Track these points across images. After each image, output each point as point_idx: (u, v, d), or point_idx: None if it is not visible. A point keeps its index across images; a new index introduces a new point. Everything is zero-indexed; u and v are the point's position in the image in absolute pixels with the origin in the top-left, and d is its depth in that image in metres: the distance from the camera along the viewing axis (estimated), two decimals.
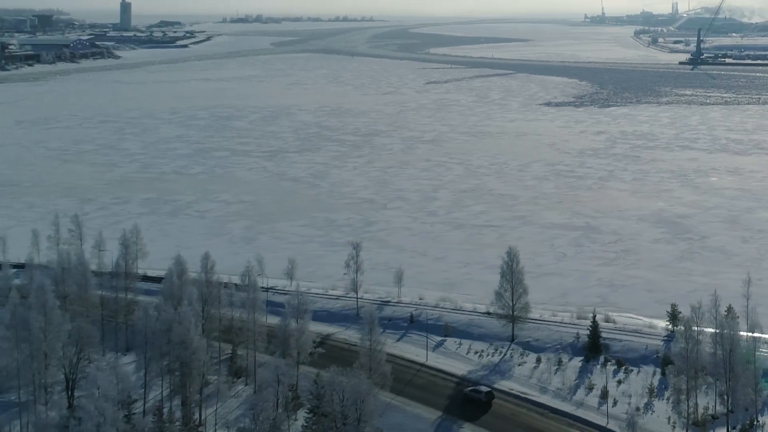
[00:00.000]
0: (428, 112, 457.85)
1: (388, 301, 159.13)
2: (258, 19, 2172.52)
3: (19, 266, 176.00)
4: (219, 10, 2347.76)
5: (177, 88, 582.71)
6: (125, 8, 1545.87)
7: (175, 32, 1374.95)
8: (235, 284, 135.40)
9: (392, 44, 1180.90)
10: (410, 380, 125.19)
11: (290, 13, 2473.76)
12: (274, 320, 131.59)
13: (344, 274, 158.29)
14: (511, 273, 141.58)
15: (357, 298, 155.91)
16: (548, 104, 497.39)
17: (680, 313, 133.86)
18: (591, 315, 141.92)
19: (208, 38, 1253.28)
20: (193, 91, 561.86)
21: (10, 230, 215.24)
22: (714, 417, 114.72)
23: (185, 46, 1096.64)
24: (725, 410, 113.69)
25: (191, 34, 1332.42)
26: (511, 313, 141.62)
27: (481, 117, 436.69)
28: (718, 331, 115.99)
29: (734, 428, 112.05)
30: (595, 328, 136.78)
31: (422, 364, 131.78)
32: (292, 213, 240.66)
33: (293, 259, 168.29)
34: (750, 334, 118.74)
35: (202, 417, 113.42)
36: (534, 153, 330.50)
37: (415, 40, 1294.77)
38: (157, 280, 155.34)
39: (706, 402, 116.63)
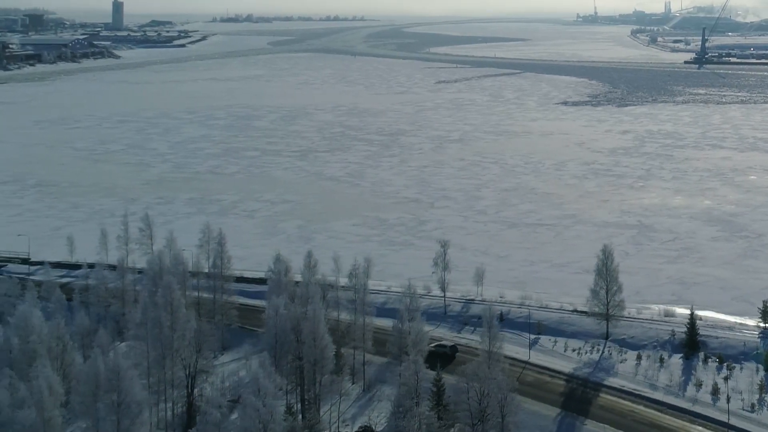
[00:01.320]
0: (447, 111, 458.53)
1: (473, 300, 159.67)
2: (248, 18, 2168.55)
3: (90, 266, 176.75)
4: (209, 10, 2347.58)
5: (186, 88, 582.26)
6: (117, 8, 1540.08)
7: (168, 32, 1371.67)
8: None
9: (390, 43, 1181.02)
10: (518, 378, 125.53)
11: (280, 12, 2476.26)
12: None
13: (432, 272, 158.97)
14: (606, 271, 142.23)
15: (445, 296, 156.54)
16: (565, 103, 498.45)
17: None
18: (687, 312, 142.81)
19: (204, 38, 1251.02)
20: (203, 91, 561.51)
21: (61, 230, 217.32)
22: None
23: (183, 45, 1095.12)
24: None
25: (186, 33, 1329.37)
26: (605, 310, 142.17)
27: (502, 116, 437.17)
28: None
29: None
30: (692, 324, 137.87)
31: (526, 362, 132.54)
32: (341, 212, 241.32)
33: (369, 258, 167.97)
34: None
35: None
36: (566, 152, 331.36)
37: (411, 40, 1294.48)
38: (249, 280, 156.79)
39: None
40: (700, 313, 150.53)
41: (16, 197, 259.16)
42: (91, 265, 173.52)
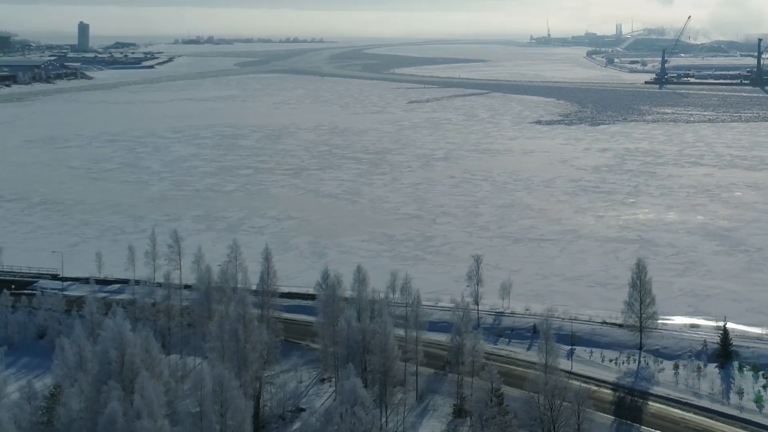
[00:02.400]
0: (426, 130, 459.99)
1: (502, 312, 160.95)
2: (210, 40, 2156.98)
3: (122, 281, 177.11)
4: (170, 32, 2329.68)
5: (166, 108, 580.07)
6: (83, 30, 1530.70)
7: (133, 53, 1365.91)
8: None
9: (355, 65, 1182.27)
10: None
11: (241, 34, 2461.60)
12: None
13: (466, 286, 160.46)
14: (641, 283, 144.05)
15: (478, 309, 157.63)
16: (539, 122, 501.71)
17: None
18: (722, 323, 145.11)
19: (171, 59, 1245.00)
20: (183, 111, 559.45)
21: (77, 247, 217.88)
22: None
23: (151, 66, 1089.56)
24: None
25: (152, 55, 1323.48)
26: (639, 322, 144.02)
27: (481, 135, 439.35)
28: None
29: None
30: (726, 335, 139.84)
31: (569, 372, 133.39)
32: (347, 228, 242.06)
33: (395, 272, 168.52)
34: None
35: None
36: (551, 170, 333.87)
37: (374, 61, 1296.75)
38: (294, 295, 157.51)
39: None
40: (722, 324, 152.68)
41: (25, 215, 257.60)
42: (123, 281, 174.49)
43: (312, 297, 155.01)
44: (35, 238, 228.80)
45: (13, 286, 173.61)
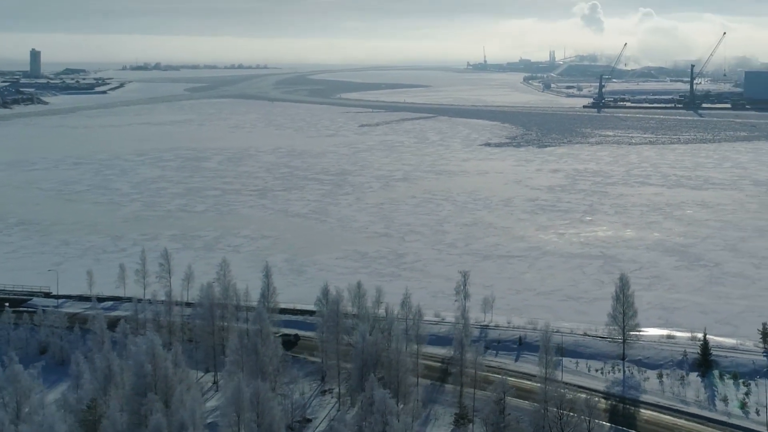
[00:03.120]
0: (381, 153, 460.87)
1: (487, 326, 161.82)
2: (157, 66, 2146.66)
3: (114, 298, 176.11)
4: (119, 59, 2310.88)
5: (125, 132, 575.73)
6: (35, 56, 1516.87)
7: (84, 79, 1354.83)
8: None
9: (301, 90, 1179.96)
10: None
11: (187, 61, 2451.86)
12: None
13: (455, 300, 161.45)
14: (624, 297, 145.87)
15: (465, 323, 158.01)
16: (488, 144, 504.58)
17: None
18: (695, 334, 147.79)
19: (122, 85, 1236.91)
20: (143, 135, 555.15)
21: (61, 266, 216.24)
22: None
23: (104, 92, 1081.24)
24: None
25: (103, 80, 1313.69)
26: (622, 333, 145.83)
27: (435, 157, 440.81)
28: None
29: None
30: (706, 345, 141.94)
31: (560, 381, 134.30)
32: (320, 246, 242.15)
33: (380, 287, 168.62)
34: None
35: None
36: (507, 190, 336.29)
37: (320, 86, 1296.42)
38: (293, 311, 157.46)
39: None
40: (698, 335, 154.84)
41: (4, 235, 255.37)
42: (116, 298, 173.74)
43: (305, 312, 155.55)
44: (18, 258, 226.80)
45: (7, 304, 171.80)
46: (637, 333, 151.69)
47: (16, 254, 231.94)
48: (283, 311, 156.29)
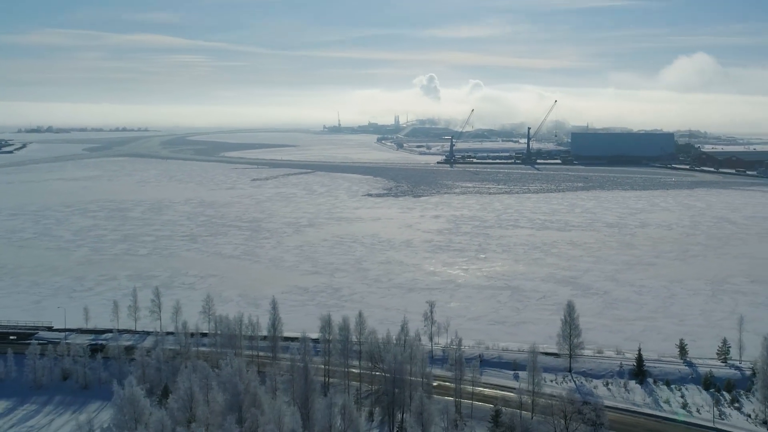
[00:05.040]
0: (280, 203, 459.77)
1: (446, 346, 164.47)
2: (50, 129, 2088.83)
3: (106, 331, 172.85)
4: (11, 123, 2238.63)
5: (46, 187, 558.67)
6: None
7: None
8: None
9: (186, 149, 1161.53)
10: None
11: (74, 124, 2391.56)
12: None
13: (424, 326, 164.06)
14: (571, 319, 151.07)
15: (432, 345, 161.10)
16: (370, 195, 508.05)
17: (730, 346, 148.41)
18: (636, 349, 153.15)
19: (24, 145, 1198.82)
20: (62, 189, 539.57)
21: (40, 304, 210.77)
22: None
23: (11, 152, 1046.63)
24: None
25: (6, 142, 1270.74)
26: (569, 350, 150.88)
27: (328, 206, 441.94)
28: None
29: None
30: (640, 358, 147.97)
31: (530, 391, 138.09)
32: (265, 283, 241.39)
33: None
34: None
35: None
36: (403, 233, 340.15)
37: (202, 146, 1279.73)
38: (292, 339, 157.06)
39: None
40: (626, 352, 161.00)
41: None
42: (120, 330, 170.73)
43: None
44: None
45: (12, 337, 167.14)
46: (581, 350, 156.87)
47: None
48: (286, 339, 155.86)
